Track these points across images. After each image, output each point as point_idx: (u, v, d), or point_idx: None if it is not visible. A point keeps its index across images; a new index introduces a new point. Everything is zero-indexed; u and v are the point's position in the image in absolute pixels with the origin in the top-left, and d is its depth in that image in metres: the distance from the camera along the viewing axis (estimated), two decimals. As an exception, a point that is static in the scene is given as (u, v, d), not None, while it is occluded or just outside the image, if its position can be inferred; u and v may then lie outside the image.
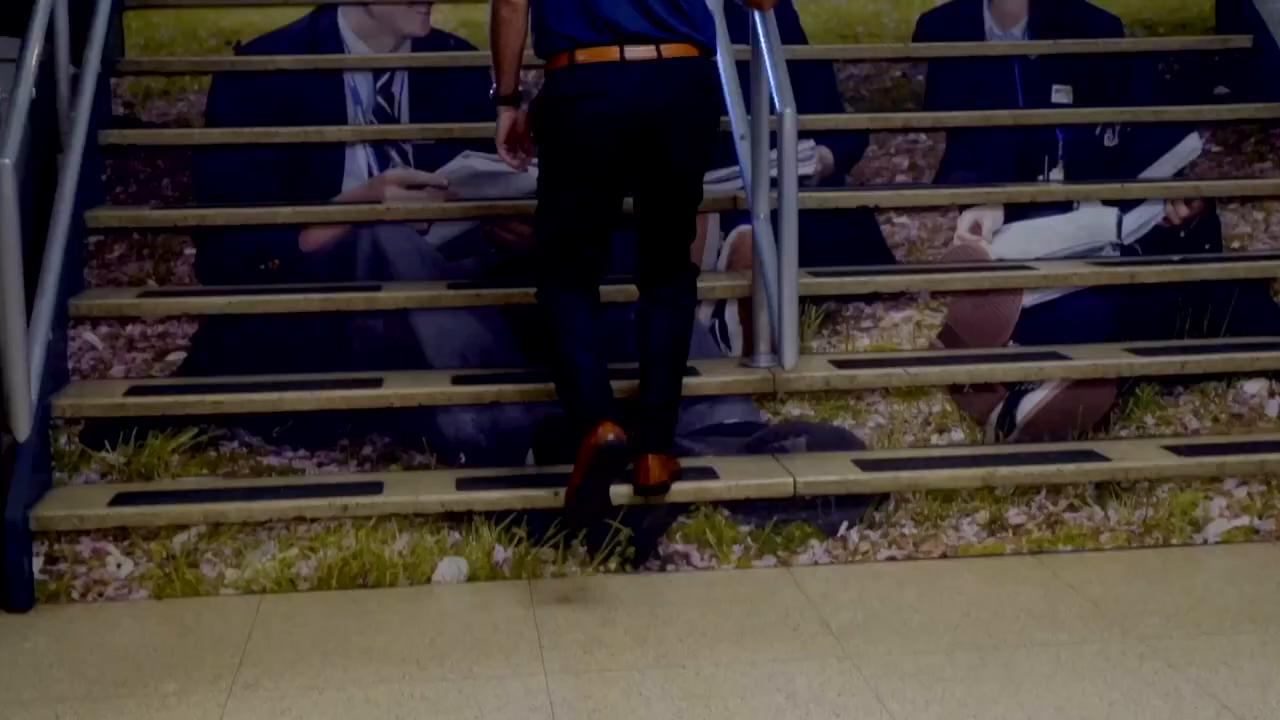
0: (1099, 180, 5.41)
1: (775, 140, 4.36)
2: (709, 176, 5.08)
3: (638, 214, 4.21)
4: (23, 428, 3.92)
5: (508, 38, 4.07)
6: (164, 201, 5.14)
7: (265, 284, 4.88)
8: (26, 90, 4.07)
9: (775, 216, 4.37)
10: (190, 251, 4.90)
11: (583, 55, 3.95)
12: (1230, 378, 4.67)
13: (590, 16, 3.94)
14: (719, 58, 4.74)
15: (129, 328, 4.60)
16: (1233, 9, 6.02)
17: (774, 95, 4.30)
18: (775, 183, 4.39)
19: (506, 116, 4.17)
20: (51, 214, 4.40)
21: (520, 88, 4.20)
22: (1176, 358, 4.66)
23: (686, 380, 4.35)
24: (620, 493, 4.16)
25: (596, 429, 3.91)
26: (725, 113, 4.67)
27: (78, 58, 4.93)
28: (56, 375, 4.42)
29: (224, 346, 4.63)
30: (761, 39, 4.48)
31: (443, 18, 5.81)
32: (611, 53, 3.94)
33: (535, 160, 4.22)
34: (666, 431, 4.24)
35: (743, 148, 4.74)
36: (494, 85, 4.18)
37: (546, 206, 4.14)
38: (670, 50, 3.96)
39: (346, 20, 5.76)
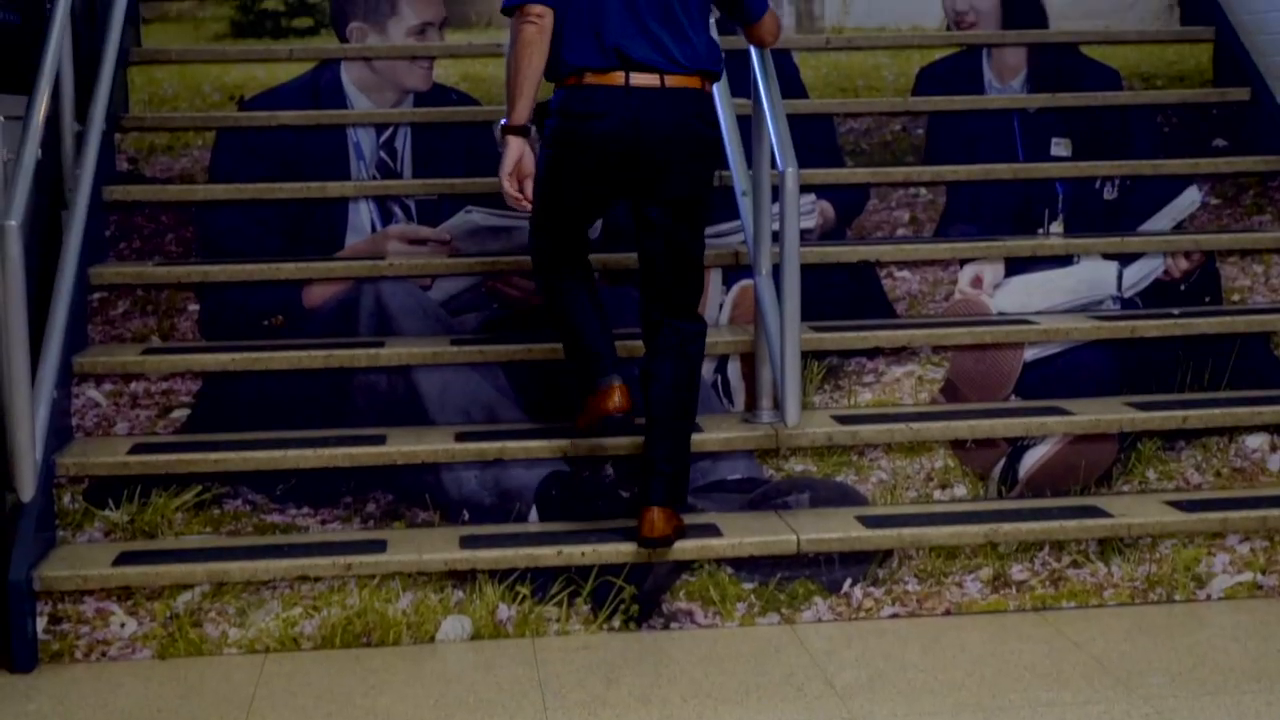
0: (1099, 233, 5.44)
1: (777, 195, 4.39)
2: (710, 230, 5.14)
3: (641, 257, 4.27)
4: (27, 488, 3.92)
5: (530, 58, 4.10)
6: (167, 257, 5.16)
7: (268, 340, 4.89)
8: (33, 150, 4.09)
9: (777, 273, 4.39)
10: (194, 308, 4.91)
11: (590, 78, 4.12)
12: (1232, 432, 4.68)
13: (601, 46, 4.10)
14: (719, 111, 4.82)
15: (132, 385, 4.61)
16: (1230, 62, 6.05)
17: (776, 153, 4.33)
18: (777, 237, 4.42)
19: (515, 146, 4.17)
20: (56, 271, 4.42)
21: (530, 122, 4.22)
22: (1178, 412, 4.67)
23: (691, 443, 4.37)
24: (623, 551, 4.17)
25: (607, 391, 4.20)
26: (724, 150, 4.77)
27: (82, 114, 4.95)
28: (60, 433, 4.43)
29: (227, 403, 4.64)
30: (763, 94, 4.52)
31: (445, 72, 5.84)
32: (617, 78, 4.10)
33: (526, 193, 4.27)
34: (673, 486, 4.24)
35: (744, 204, 4.76)
36: (504, 116, 4.19)
37: (542, 209, 4.24)
38: (673, 81, 4.12)
39: (349, 75, 5.79)
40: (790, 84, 5.85)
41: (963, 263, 5.17)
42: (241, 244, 5.18)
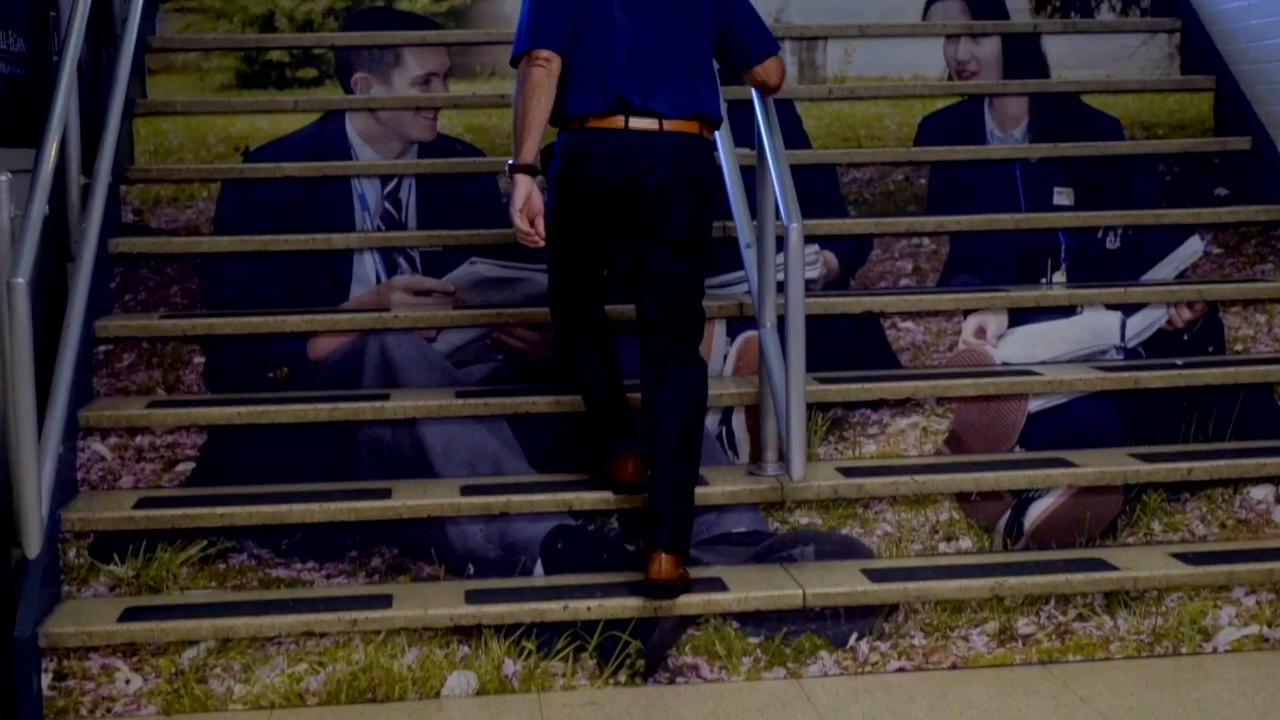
0: (1102, 282, 5.46)
1: (781, 246, 4.41)
2: (713, 281, 5.17)
3: (639, 300, 4.29)
4: (34, 545, 3.92)
5: (537, 101, 4.20)
6: (173, 309, 5.17)
7: (274, 392, 4.90)
8: (40, 207, 4.11)
9: (782, 325, 4.40)
10: (199, 360, 4.92)
11: (592, 121, 4.24)
12: (1236, 484, 4.68)
13: (604, 92, 4.22)
14: (723, 161, 4.86)
15: (138, 438, 4.62)
16: (1231, 111, 6.08)
17: (781, 207, 4.35)
18: (781, 288, 4.43)
19: (524, 184, 4.25)
20: (61, 323, 4.42)
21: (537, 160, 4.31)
22: (1183, 464, 4.67)
23: (695, 489, 4.37)
24: (629, 605, 4.17)
25: (622, 459, 4.43)
26: (724, 195, 4.83)
27: (88, 167, 4.98)
28: (65, 486, 4.43)
29: (233, 456, 4.64)
30: (766, 145, 4.54)
31: (449, 123, 5.86)
32: (617, 121, 4.22)
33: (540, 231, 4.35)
34: (678, 531, 4.22)
35: (749, 256, 4.77)
36: (512, 156, 4.28)
37: (552, 251, 4.39)
38: (672, 125, 4.22)
39: (354, 126, 5.82)
40: (793, 133, 5.88)
41: (966, 313, 5.18)
42: (247, 296, 5.20)
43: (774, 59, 4.46)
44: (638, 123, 4.20)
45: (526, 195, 4.24)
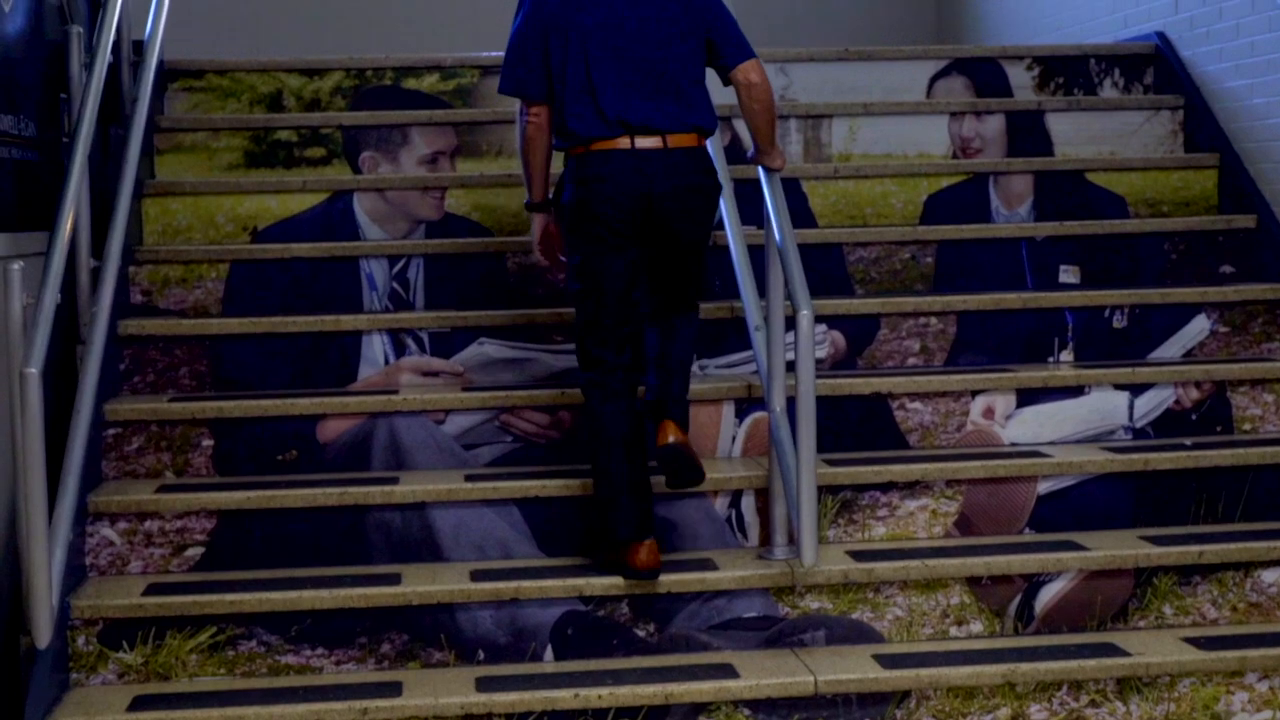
0: (1109, 361, 5.47)
1: (789, 324, 4.46)
2: (721, 360, 5.20)
3: (650, 287, 4.62)
4: (44, 634, 3.90)
5: (536, 153, 4.60)
6: (181, 390, 5.17)
7: (283, 474, 4.90)
8: (53, 295, 4.11)
9: (792, 408, 4.40)
10: (208, 443, 4.92)
11: (598, 145, 4.48)
12: (1248, 567, 4.67)
13: (604, 118, 4.46)
14: (730, 238, 5.01)
15: (147, 523, 4.61)
16: (1236, 189, 6.11)
17: (792, 294, 4.36)
18: (790, 367, 4.44)
19: (539, 220, 4.72)
20: (72, 410, 4.41)
21: (549, 196, 4.69)
22: (1193, 547, 4.66)
23: (704, 575, 4.47)
24: (641, 693, 4.15)
25: (635, 548, 4.43)
26: (730, 269, 4.99)
27: (97, 249, 4.99)
28: (73, 572, 4.42)
29: (242, 541, 4.63)
30: (775, 227, 4.56)
31: (456, 202, 5.88)
32: (623, 143, 4.47)
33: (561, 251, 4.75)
34: (684, 412, 4.60)
35: (758, 338, 4.79)
36: (527, 196, 4.70)
37: (578, 281, 4.54)
38: (675, 140, 4.49)
39: (361, 205, 5.84)
40: (799, 212, 5.91)
41: (974, 394, 5.18)
42: (255, 377, 5.20)
43: (752, 61, 4.60)
44: (643, 141, 4.46)
45: (543, 229, 4.71)
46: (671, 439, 4.50)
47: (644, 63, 4.48)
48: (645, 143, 4.45)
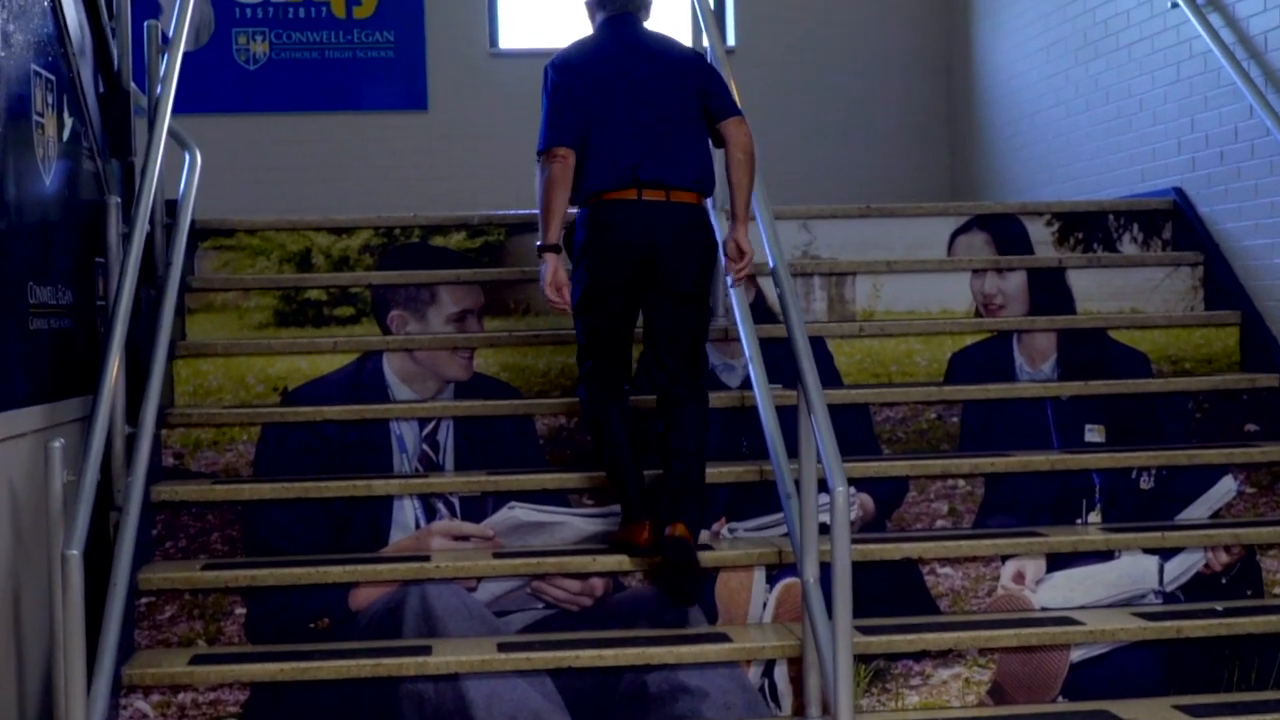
0: (1137, 521, 5.48)
1: (821, 486, 4.51)
2: (751, 524, 5.22)
3: (651, 341, 5.11)
4: (81, 816, 3.89)
5: (558, 191, 5.04)
6: (213, 555, 5.19)
7: (315, 642, 4.89)
8: (93, 475, 4.14)
9: (824, 576, 4.41)
10: (240, 611, 4.92)
11: (610, 195, 5.04)
12: (1284, 737, 4.66)
13: (616, 172, 5.03)
14: (758, 399, 5.07)
15: (180, 695, 4.60)
16: (1258, 346, 6.16)
17: (826, 468, 4.37)
18: (822, 529, 4.46)
19: (551, 261, 5.09)
20: (102, 574, 4.41)
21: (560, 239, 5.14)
22: (1228, 718, 4.64)
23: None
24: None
25: (638, 528, 5.02)
26: (718, 252, 5.30)
27: (130, 414, 5.02)
28: (108, 746, 4.40)
29: (276, 712, 4.62)
30: (810, 392, 4.55)
31: (485, 361, 5.93)
32: (631, 194, 5.03)
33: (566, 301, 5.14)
34: (694, 519, 5.01)
35: (790, 506, 4.80)
36: (540, 238, 5.08)
37: (583, 313, 5.10)
38: (677, 196, 5.05)
39: (391, 365, 5.89)
40: (825, 370, 5.95)
41: (1005, 558, 5.19)
42: (287, 541, 5.22)
43: (737, 118, 5.15)
44: (649, 194, 5.01)
45: (554, 270, 5.08)
46: (679, 533, 4.92)
47: (654, 127, 5.06)
48: (651, 195, 5.01)
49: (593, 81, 5.10)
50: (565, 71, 5.14)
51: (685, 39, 5.79)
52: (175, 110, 5.48)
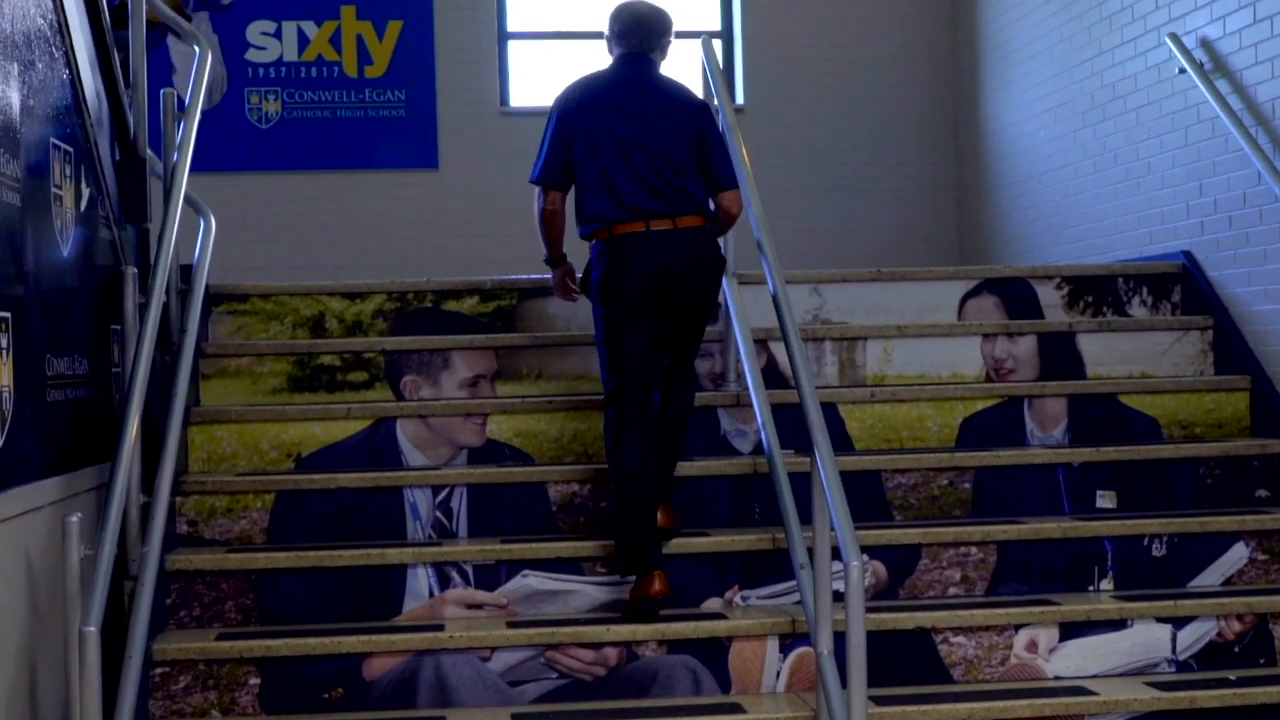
0: (1149, 589, 5.48)
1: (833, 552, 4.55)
2: (764, 591, 5.23)
3: (662, 338, 5.35)
4: None
5: (553, 227, 5.51)
6: (227, 624, 5.20)
7: (329, 713, 4.90)
8: (110, 550, 4.16)
9: (838, 646, 4.41)
10: (254, 681, 4.92)
11: (619, 229, 5.30)
12: (1299, 810, 4.65)
13: (619, 203, 5.29)
14: (772, 465, 5.09)
15: (195, 767, 4.61)
16: (1268, 411, 6.18)
17: (840, 541, 4.39)
18: (836, 596, 4.51)
19: (558, 272, 5.71)
20: (116, 643, 4.42)
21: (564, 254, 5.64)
22: (1243, 791, 4.65)
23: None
24: None
25: (648, 580, 5.10)
26: (723, 272, 5.54)
27: (144, 482, 5.04)
28: (122, 820, 4.40)
29: (289, 786, 4.63)
30: (821, 466, 4.57)
31: (498, 428, 5.95)
32: (639, 226, 5.29)
33: (578, 289, 5.66)
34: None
35: (803, 577, 4.81)
36: (545, 254, 5.62)
37: (606, 348, 5.31)
38: (683, 221, 5.31)
39: (404, 431, 5.91)
40: (837, 435, 5.96)
41: (1018, 627, 5.19)
42: (301, 611, 5.22)
43: (733, 191, 5.44)
44: (657, 224, 5.27)
45: (562, 278, 5.70)
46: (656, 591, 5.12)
47: (653, 163, 5.29)
48: (658, 225, 5.27)
49: (595, 119, 5.35)
50: (568, 111, 5.41)
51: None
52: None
